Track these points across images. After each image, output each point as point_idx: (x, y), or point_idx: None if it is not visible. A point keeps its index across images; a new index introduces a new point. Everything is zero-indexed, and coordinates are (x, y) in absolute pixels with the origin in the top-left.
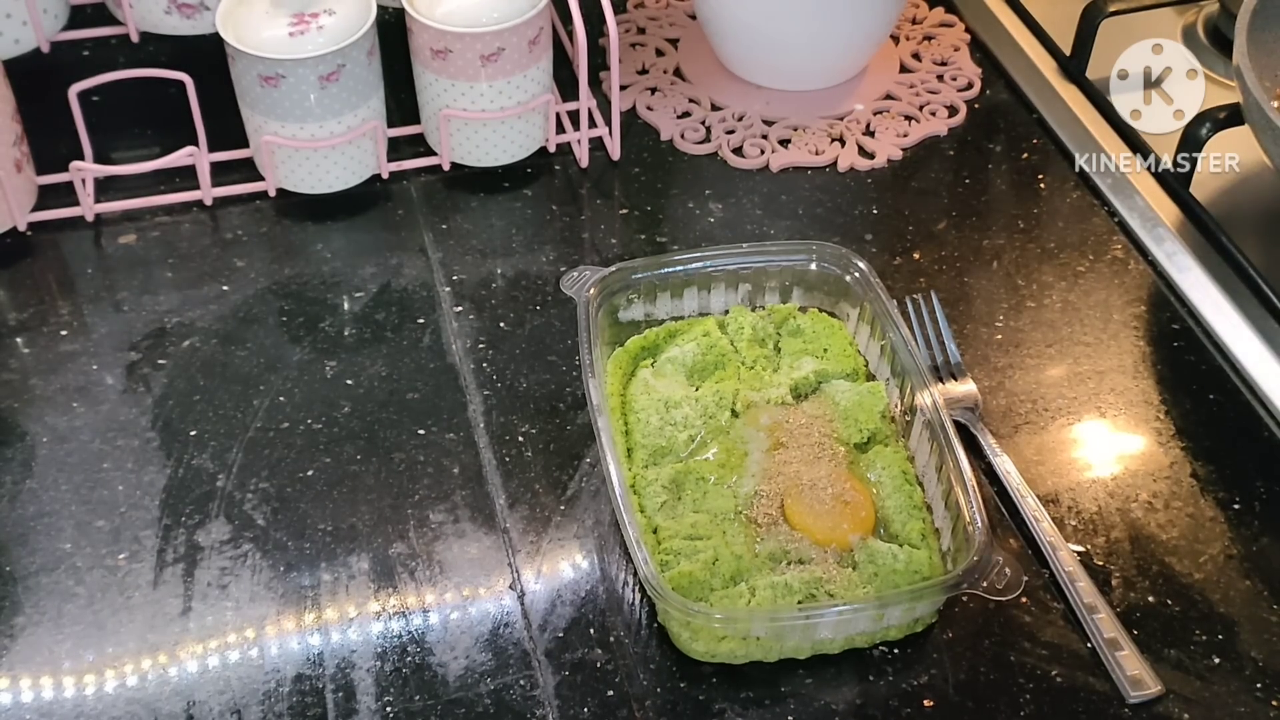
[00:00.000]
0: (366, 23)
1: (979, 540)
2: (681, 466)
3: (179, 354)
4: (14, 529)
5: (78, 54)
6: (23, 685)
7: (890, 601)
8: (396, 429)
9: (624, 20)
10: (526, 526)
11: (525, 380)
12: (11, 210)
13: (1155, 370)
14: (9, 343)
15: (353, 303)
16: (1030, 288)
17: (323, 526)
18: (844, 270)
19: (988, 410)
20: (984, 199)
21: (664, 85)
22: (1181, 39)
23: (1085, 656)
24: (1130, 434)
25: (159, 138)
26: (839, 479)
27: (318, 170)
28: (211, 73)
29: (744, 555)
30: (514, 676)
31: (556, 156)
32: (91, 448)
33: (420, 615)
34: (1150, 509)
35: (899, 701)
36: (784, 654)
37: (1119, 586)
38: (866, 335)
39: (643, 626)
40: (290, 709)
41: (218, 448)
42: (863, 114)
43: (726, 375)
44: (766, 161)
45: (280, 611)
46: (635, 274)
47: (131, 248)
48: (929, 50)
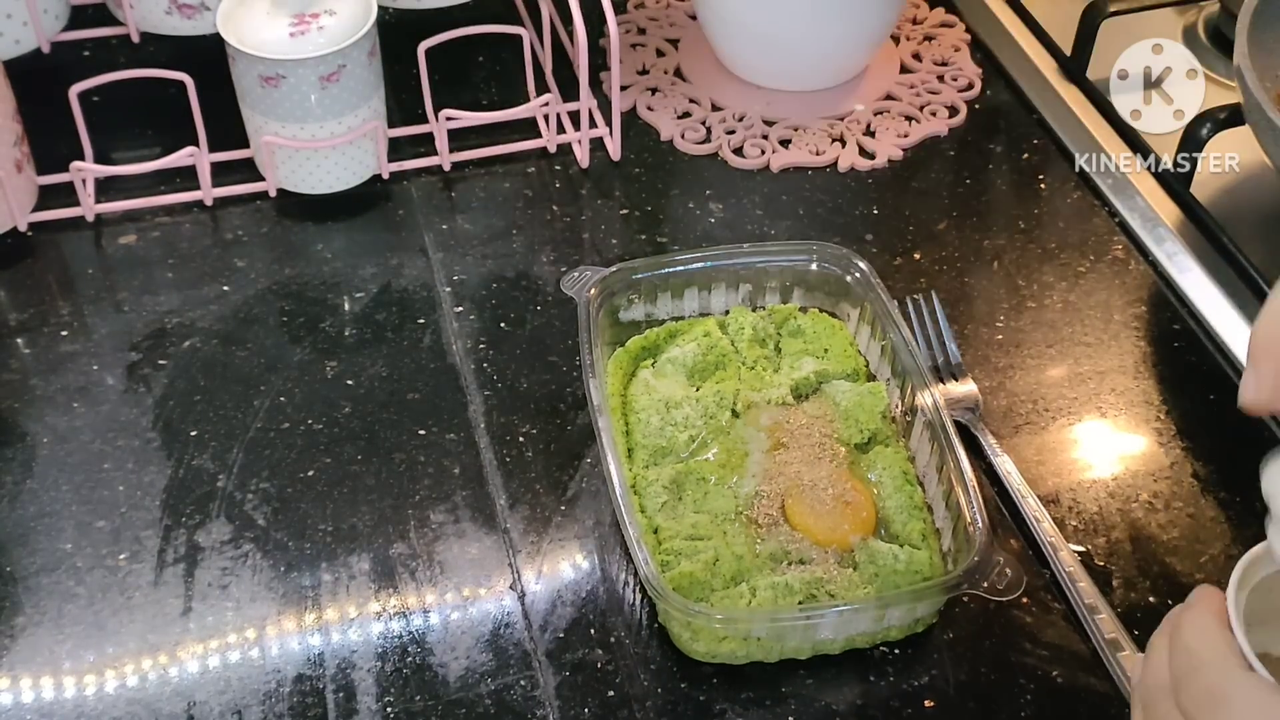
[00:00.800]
0: (367, 23)
1: (980, 541)
2: (682, 467)
3: (179, 354)
4: (14, 529)
5: (78, 54)
6: (23, 685)
7: (891, 602)
8: (397, 429)
9: (624, 20)
10: (527, 527)
11: (526, 380)
12: (12, 210)
13: (1156, 370)
14: (9, 343)
15: (353, 303)
16: (1031, 288)
17: (323, 527)
18: (844, 270)
19: (988, 410)
20: (984, 199)
21: (664, 85)
22: (1181, 39)
23: (1086, 657)
24: (1131, 434)
25: (159, 138)
26: (840, 479)
27: (318, 170)
28: (212, 73)
29: (745, 556)
30: (515, 677)
31: (557, 156)
32: (92, 448)
33: (421, 615)
34: (1151, 509)
35: (900, 702)
36: (785, 654)
37: (1120, 587)
38: (867, 335)
39: (643, 627)
40: (291, 709)
41: (218, 448)
42: (863, 114)
43: (727, 375)
44: (767, 162)
45: (281, 612)
46: (636, 274)
47: (132, 248)
48: (929, 50)
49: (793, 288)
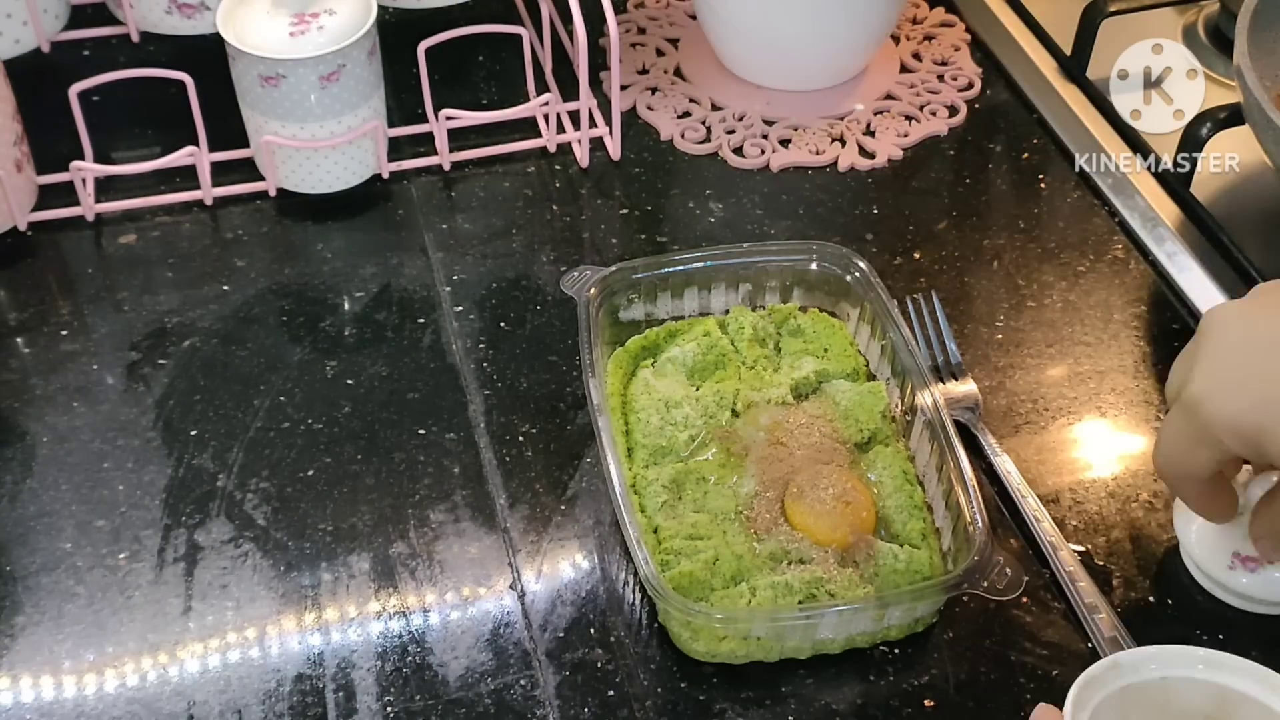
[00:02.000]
0: (367, 23)
1: (979, 540)
2: (682, 466)
3: (179, 354)
4: (14, 529)
5: (78, 54)
6: (23, 685)
7: (891, 601)
8: (397, 429)
9: (624, 20)
10: (527, 526)
11: (525, 380)
12: (12, 210)
13: (1156, 370)
14: (9, 343)
15: (353, 303)
16: (1031, 287)
17: (323, 526)
18: (844, 270)
19: (988, 410)
20: (984, 199)
21: (664, 85)
22: (1181, 39)
23: (1086, 656)
24: (1131, 434)
25: (159, 138)
26: (839, 479)
27: (318, 170)
28: (212, 73)
29: (744, 555)
30: (514, 676)
31: (557, 156)
32: (92, 447)
33: (421, 615)
34: (1151, 509)
35: (900, 701)
36: (785, 654)
37: (1120, 586)
38: (867, 335)
39: (643, 626)
40: (291, 709)
41: (218, 447)
42: (863, 114)
43: (727, 375)
44: (767, 161)
45: (281, 611)
46: (636, 274)
47: (132, 247)
48: (929, 50)
49: (793, 287)
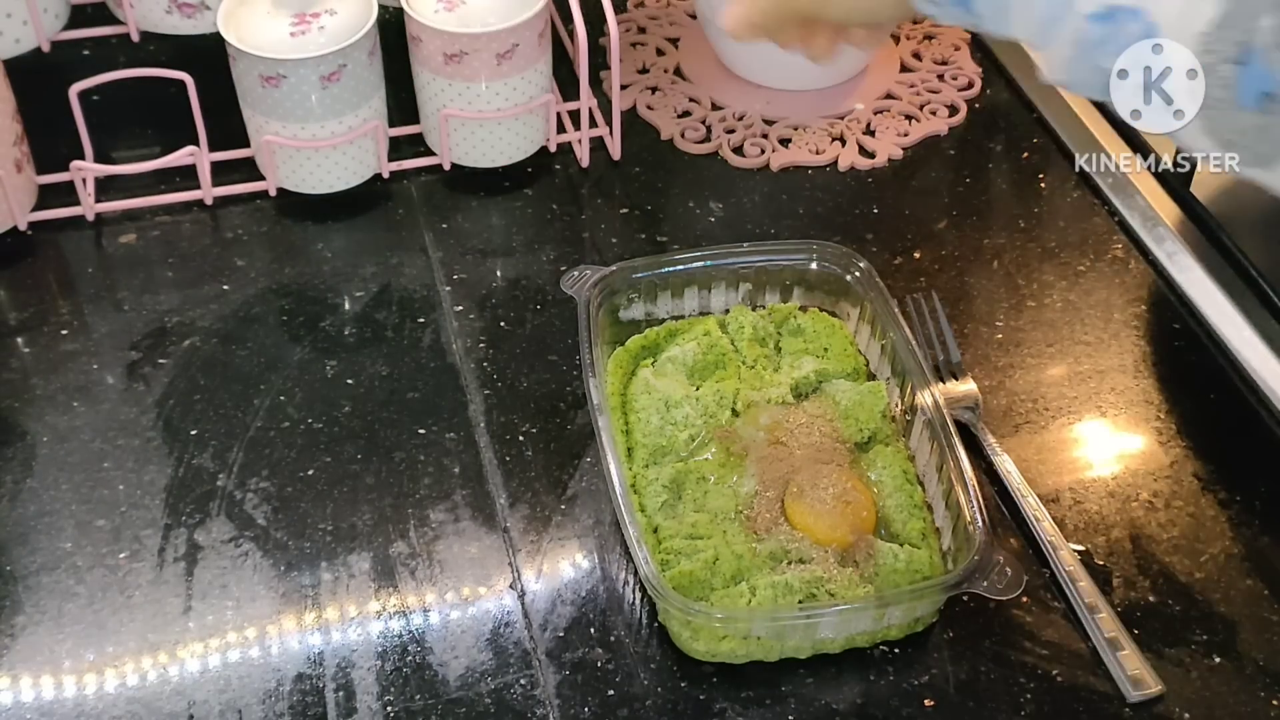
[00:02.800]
0: (368, 23)
1: (979, 540)
2: (682, 466)
3: (179, 353)
4: (14, 528)
5: (78, 53)
6: (23, 685)
7: (891, 601)
8: (397, 428)
9: (624, 20)
10: (527, 526)
11: (526, 380)
12: (12, 210)
13: (1156, 370)
14: (9, 342)
15: (353, 302)
16: (1031, 287)
17: (323, 526)
18: (844, 269)
19: (988, 410)
20: (984, 198)
21: (664, 85)
22: None
23: (1086, 656)
24: (1131, 433)
25: (159, 137)
26: (840, 479)
27: (318, 170)
28: (212, 73)
29: (744, 555)
30: (514, 676)
31: (557, 156)
32: (92, 447)
33: (421, 614)
34: (1151, 508)
35: (900, 701)
36: (785, 653)
37: (1120, 586)
38: (867, 334)
39: (643, 626)
40: (291, 708)
41: (218, 447)
42: (863, 113)
43: (727, 375)
44: (767, 161)
45: (281, 611)
46: (636, 273)
47: (132, 247)
48: (929, 49)
49: (793, 287)
